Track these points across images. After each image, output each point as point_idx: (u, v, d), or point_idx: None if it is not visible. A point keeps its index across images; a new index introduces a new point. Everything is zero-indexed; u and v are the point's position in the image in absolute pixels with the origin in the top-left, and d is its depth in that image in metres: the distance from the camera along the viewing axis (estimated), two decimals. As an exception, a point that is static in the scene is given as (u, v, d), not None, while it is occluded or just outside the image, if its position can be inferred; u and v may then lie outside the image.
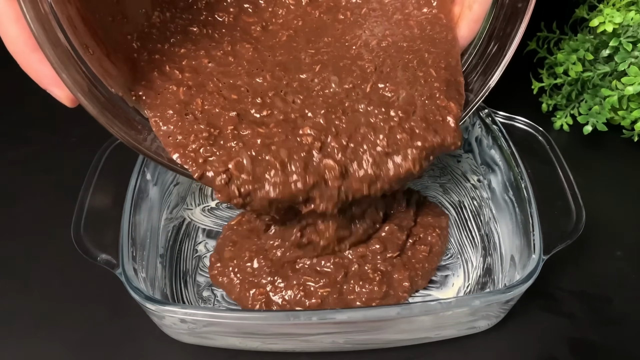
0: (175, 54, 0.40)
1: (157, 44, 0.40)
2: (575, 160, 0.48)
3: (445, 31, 0.42)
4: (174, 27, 0.41)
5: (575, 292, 0.46)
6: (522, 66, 0.59)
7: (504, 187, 0.47)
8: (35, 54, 0.31)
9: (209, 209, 0.52)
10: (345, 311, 0.38)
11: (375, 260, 0.44)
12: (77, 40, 0.32)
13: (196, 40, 0.41)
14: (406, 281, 0.43)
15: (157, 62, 0.39)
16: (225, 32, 0.42)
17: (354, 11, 0.45)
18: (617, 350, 0.42)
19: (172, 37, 0.41)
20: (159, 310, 0.37)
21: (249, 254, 0.45)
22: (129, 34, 0.39)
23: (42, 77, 0.32)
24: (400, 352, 0.42)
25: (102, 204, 0.44)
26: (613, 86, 0.53)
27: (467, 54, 0.43)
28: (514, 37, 0.39)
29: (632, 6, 0.53)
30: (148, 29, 0.40)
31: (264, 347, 0.40)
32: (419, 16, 0.43)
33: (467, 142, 0.54)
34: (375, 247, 0.44)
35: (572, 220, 0.42)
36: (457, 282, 0.46)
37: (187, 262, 0.47)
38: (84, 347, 0.42)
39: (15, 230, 0.51)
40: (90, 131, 0.58)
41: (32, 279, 0.47)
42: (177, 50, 0.40)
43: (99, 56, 0.35)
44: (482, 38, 0.42)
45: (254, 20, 0.44)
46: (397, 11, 0.44)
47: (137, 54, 0.39)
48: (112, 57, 0.37)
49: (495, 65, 0.40)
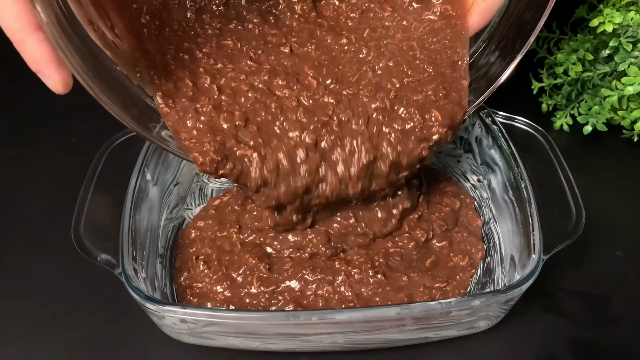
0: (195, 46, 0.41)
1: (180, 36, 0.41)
2: (575, 160, 0.48)
3: (449, 30, 0.43)
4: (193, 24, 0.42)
5: (575, 292, 0.46)
6: (522, 66, 0.59)
7: (503, 187, 0.47)
8: (36, 35, 0.30)
9: (209, 209, 0.52)
10: (345, 311, 0.38)
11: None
12: (81, 16, 0.32)
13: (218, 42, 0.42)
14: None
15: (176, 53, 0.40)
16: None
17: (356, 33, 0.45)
18: (617, 350, 0.42)
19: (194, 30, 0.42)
20: (159, 310, 0.37)
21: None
22: (135, 3, 0.39)
23: (40, 59, 0.31)
24: (400, 352, 0.42)
25: (102, 204, 0.44)
26: (613, 86, 0.53)
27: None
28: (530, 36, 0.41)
29: (632, 6, 0.53)
30: (160, 7, 0.40)
31: (264, 347, 0.40)
32: (420, 28, 0.44)
33: (467, 142, 0.54)
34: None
35: (572, 220, 0.42)
36: (457, 282, 0.46)
37: (187, 262, 0.47)
38: (84, 347, 0.42)
39: (15, 230, 0.51)
40: (90, 131, 0.59)
41: (32, 279, 0.47)
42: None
43: (102, 32, 0.35)
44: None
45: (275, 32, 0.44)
46: (399, 30, 0.44)
47: (146, 28, 0.39)
48: (117, 29, 0.36)
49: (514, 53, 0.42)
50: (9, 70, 0.69)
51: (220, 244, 0.47)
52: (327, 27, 0.45)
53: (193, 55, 0.41)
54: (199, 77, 0.40)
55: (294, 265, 0.44)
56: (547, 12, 0.39)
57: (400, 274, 0.43)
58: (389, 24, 0.44)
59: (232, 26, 0.43)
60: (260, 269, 0.44)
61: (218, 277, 0.44)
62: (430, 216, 0.48)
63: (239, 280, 0.43)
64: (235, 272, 0.44)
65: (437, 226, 0.47)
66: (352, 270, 0.43)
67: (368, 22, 0.45)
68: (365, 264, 0.44)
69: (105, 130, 0.48)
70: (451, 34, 0.43)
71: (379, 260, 0.44)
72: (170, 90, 0.38)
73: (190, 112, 0.38)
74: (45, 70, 0.32)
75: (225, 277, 0.44)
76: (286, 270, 0.44)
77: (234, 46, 0.42)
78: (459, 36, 0.43)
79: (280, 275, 0.43)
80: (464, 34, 0.43)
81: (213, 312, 0.37)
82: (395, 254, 0.45)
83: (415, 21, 0.44)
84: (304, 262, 0.44)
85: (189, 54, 0.41)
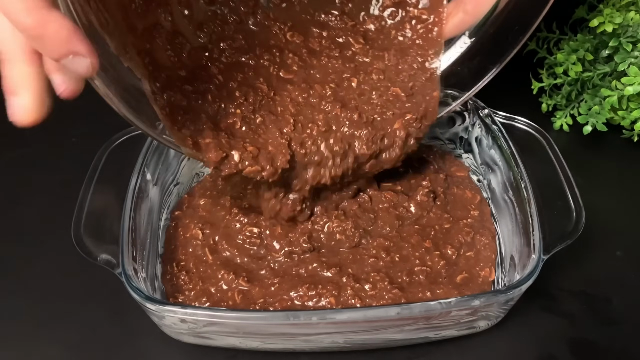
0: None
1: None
2: (575, 160, 0.48)
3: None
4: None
5: (575, 292, 0.46)
6: (522, 66, 0.59)
7: (503, 187, 0.47)
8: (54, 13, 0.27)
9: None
10: (345, 311, 0.38)
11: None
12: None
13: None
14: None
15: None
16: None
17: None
18: (617, 350, 0.42)
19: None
20: (159, 310, 0.37)
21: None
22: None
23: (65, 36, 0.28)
24: (400, 352, 0.42)
25: (102, 204, 0.44)
26: (613, 86, 0.53)
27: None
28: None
29: (632, 6, 0.53)
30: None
31: (264, 347, 0.40)
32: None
33: (467, 142, 0.54)
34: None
35: (572, 220, 0.42)
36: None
37: (187, 262, 0.47)
38: (84, 347, 0.42)
39: (15, 230, 0.51)
40: (90, 131, 0.59)
41: (32, 279, 0.47)
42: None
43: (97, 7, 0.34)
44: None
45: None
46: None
47: (132, 3, 0.39)
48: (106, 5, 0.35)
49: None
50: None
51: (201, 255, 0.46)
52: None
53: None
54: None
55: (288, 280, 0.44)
56: (540, 17, 0.40)
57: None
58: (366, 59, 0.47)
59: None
60: (240, 283, 0.43)
61: (196, 292, 0.43)
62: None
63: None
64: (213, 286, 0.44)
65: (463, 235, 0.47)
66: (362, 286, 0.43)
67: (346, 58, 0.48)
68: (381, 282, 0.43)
69: (105, 130, 0.48)
70: (426, 43, 0.46)
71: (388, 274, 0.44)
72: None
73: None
74: (74, 48, 0.29)
75: (202, 292, 0.43)
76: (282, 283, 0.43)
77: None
78: (433, 44, 0.45)
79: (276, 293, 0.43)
80: (439, 41, 0.45)
81: (213, 312, 0.37)
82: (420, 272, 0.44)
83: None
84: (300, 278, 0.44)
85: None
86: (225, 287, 0.43)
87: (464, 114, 0.54)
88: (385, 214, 0.47)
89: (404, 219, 0.48)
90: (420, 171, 0.52)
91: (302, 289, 0.42)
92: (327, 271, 0.43)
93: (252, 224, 0.46)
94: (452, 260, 0.45)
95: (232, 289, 0.43)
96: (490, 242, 0.46)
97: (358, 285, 0.42)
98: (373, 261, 0.44)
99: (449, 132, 0.56)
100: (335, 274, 0.43)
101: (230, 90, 0.43)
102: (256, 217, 0.47)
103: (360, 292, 0.42)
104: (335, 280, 0.43)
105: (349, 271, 0.43)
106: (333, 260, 0.45)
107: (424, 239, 0.46)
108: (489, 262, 0.45)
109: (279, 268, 0.44)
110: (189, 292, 0.43)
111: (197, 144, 0.40)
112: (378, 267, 0.44)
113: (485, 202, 0.50)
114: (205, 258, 0.45)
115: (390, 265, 0.44)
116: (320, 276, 0.43)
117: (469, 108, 0.53)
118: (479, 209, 0.49)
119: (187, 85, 0.42)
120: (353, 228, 0.46)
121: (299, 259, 0.45)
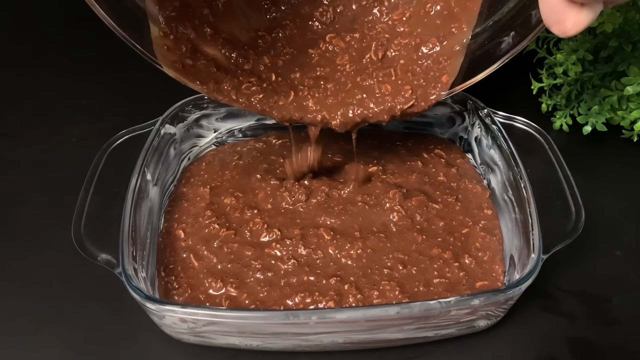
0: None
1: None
2: (575, 160, 0.48)
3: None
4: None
5: (575, 292, 0.46)
6: (522, 66, 0.59)
7: (503, 187, 0.47)
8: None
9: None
10: (345, 310, 0.38)
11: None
12: None
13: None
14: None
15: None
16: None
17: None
18: (617, 350, 0.42)
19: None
20: (159, 310, 0.37)
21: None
22: None
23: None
24: (400, 352, 0.42)
25: (102, 204, 0.44)
26: (613, 86, 0.53)
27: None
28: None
29: (632, 6, 0.53)
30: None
31: (264, 347, 0.40)
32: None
33: (467, 142, 0.54)
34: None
35: (571, 219, 0.42)
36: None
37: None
38: (84, 347, 0.42)
39: (15, 230, 0.51)
40: (90, 131, 0.59)
41: (32, 279, 0.47)
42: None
43: None
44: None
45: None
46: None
47: None
48: None
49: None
50: (9, 71, 0.69)
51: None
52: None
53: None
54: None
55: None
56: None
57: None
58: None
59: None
60: (229, 290, 0.43)
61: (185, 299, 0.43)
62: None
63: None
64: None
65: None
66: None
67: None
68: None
69: (105, 130, 0.49)
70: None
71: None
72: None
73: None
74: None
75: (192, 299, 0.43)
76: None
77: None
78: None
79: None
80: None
81: (213, 312, 0.37)
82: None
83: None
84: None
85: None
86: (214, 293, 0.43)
87: (464, 114, 0.54)
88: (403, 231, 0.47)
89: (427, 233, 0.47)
90: (432, 165, 0.53)
91: (297, 297, 0.42)
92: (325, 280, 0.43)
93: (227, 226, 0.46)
94: (471, 269, 0.44)
95: (219, 296, 0.43)
96: (497, 244, 0.46)
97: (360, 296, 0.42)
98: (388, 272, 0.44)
99: (449, 132, 0.56)
100: (336, 282, 0.43)
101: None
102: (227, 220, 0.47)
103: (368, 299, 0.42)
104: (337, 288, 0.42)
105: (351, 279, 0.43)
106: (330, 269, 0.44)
107: (444, 251, 0.45)
108: (498, 262, 0.45)
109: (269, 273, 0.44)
110: (178, 297, 0.43)
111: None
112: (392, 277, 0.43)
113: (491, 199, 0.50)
114: (192, 264, 0.45)
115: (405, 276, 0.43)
116: (319, 285, 0.43)
117: (469, 108, 0.53)
118: (491, 207, 0.49)
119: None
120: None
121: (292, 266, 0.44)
